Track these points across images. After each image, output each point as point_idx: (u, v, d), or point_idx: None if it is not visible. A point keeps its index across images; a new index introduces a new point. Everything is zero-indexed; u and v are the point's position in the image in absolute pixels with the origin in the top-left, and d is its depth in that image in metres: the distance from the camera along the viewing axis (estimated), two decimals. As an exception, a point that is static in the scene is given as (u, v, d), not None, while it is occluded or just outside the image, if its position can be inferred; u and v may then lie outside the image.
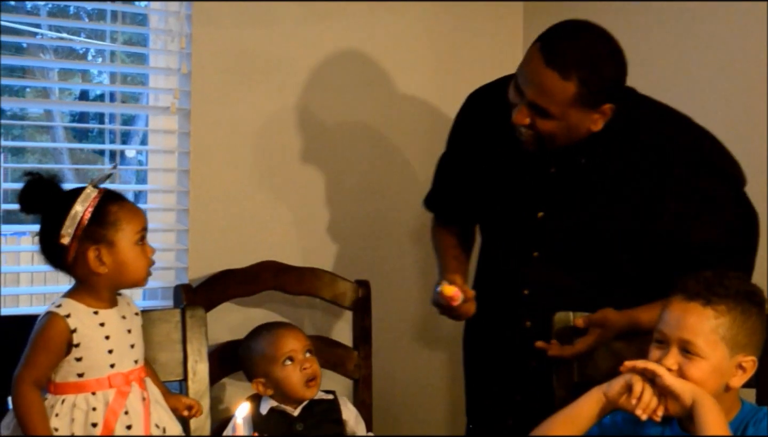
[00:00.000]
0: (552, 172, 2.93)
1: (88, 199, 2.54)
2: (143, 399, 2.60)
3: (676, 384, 2.18)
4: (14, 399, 2.50)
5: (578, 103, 2.68)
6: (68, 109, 3.78)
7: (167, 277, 3.56)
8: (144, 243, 2.59)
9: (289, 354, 2.99)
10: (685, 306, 2.25)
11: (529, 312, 2.93)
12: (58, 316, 2.52)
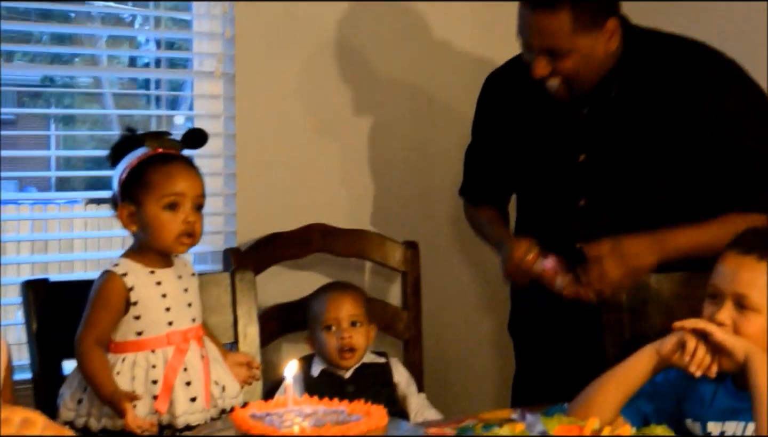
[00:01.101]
0: (585, 113, 2.95)
1: (130, 160, 2.59)
2: (202, 356, 2.62)
3: (728, 340, 2.15)
4: (79, 359, 2.52)
5: (580, 28, 2.75)
6: (116, 75, 3.75)
7: (216, 242, 3.58)
8: (177, 210, 2.57)
9: (331, 322, 2.98)
10: (740, 261, 2.23)
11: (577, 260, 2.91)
12: (115, 275, 2.55)
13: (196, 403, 2.56)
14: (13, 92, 3.46)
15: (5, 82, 3.36)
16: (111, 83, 3.83)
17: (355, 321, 3.04)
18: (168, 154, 2.61)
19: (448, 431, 2.43)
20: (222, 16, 3.57)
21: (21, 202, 4.19)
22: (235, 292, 2.99)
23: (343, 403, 1.93)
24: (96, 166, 3.57)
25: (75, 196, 3.80)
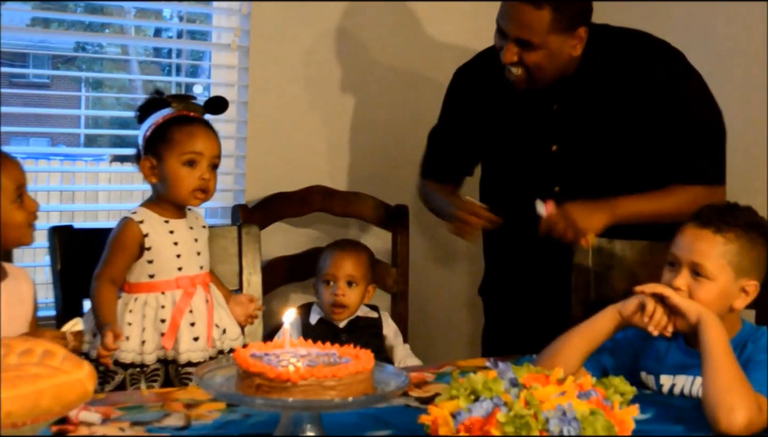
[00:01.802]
0: (555, 108, 2.96)
1: (156, 117, 2.60)
2: (206, 301, 2.65)
3: (683, 303, 2.18)
4: (91, 291, 2.57)
5: (555, 29, 2.76)
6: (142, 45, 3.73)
7: (226, 198, 3.59)
8: (194, 166, 2.58)
9: (329, 278, 2.99)
10: (698, 233, 2.25)
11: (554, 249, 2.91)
12: (132, 221, 2.58)
13: (199, 342, 2.59)
14: (48, 56, 3.44)
15: (41, 47, 3.35)
16: (137, 52, 3.82)
17: (352, 281, 3.04)
18: (191, 116, 2.63)
19: (427, 376, 2.45)
20: (237, -8, 3.57)
21: (52, 157, 4.19)
22: (241, 244, 3.02)
23: (334, 347, 1.94)
24: (121, 126, 3.57)
25: (101, 152, 3.79)
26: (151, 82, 3.72)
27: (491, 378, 1.89)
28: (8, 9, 3.46)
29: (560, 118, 2.96)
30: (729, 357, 2.10)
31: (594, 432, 1.77)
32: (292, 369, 1.77)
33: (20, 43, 3.64)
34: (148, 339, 2.56)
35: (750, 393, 2.05)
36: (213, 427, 2.01)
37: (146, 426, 1.99)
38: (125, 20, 3.64)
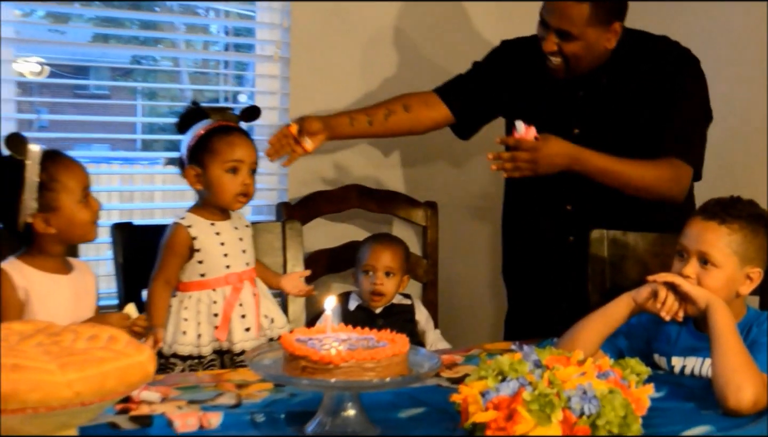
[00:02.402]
0: (580, 95, 2.97)
1: (197, 128, 2.61)
2: (254, 294, 2.66)
3: (693, 290, 2.18)
4: (147, 293, 2.60)
5: (593, 22, 2.77)
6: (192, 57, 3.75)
7: (271, 197, 3.59)
8: (237, 173, 2.59)
9: (369, 268, 2.99)
10: (704, 224, 2.25)
11: (573, 228, 2.90)
12: (181, 226, 2.59)
13: (250, 332, 2.61)
14: (107, 69, 3.46)
15: (100, 60, 3.37)
16: (187, 64, 3.82)
17: (389, 272, 3.04)
18: (229, 126, 2.63)
19: (457, 358, 2.44)
20: (281, 10, 3.56)
21: (112, 160, 4.21)
22: (285, 239, 3.03)
23: (372, 332, 1.94)
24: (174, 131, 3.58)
25: (156, 156, 3.81)
26: (200, 91, 3.72)
27: (517, 360, 1.89)
28: (71, 27, 3.48)
29: (584, 104, 2.96)
30: (736, 340, 2.10)
31: (613, 410, 1.77)
32: (334, 352, 1.78)
33: (83, 58, 3.67)
34: (203, 332, 2.58)
35: (756, 373, 2.05)
36: (261, 405, 2.03)
37: (201, 404, 2.01)
38: (176, 35, 3.64)
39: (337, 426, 1.83)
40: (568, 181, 2.91)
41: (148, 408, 1.96)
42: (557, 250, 2.99)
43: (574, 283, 2.89)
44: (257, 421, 1.93)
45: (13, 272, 2.25)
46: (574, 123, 2.96)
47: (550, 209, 3.00)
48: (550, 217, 2.98)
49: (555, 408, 1.76)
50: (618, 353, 2.31)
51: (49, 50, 3.38)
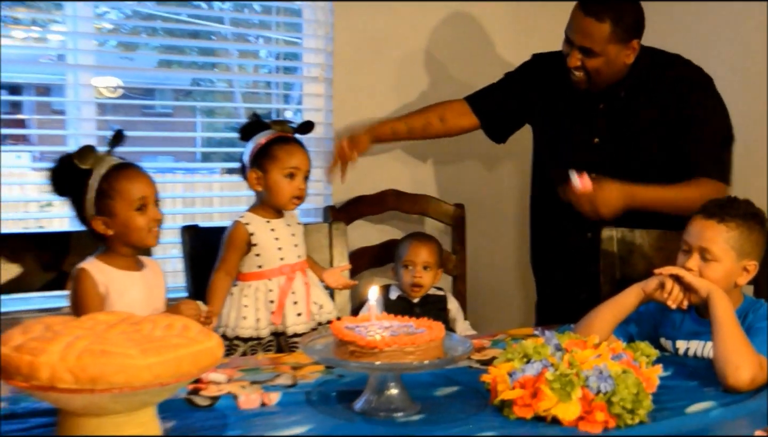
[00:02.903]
0: (601, 107, 2.93)
1: (260, 138, 2.63)
2: (305, 283, 2.68)
3: (695, 281, 2.18)
4: (209, 283, 2.61)
5: (613, 40, 2.74)
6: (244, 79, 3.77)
7: (318, 201, 3.59)
8: (293, 178, 2.61)
9: (409, 263, 2.99)
10: (705, 223, 2.25)
11: (591, 225, 2.90)
12: (240, 224, 2.62)
13: (301, 317, 2.63)
14: (171, 91, 3.49)
15: (165, 83, 3.40)
16: (240, 85, 3.84)
17: (427, 266, 3.04)
18: (288, 137, 2.64)
19: (485, 342, 2.45)
20: (324, 36, 3.58)
21: (176, 171, 4.24)
22: (331, 238, 3.04)
23: (411, 319, 1.95)
24: (229, 145, 3.60)
25: (214, 166, 3.83)
26: (252, 108, 3.75)
27: (540, 344, 1.90)
28: (140, 54, 3.51)
29: (604, 116, 2.93)
30: (735, 325, 2.09)
31: (626, 388, 1.77)
32: (379, 338, 1.80)
33: (149, 81, 3.69)
34: (261, 317, 2.60)
35: (753, 354, 2.04)
36: (314, 385, 2.04)
37: (262, 384, 2.02)
38: (230, 60, 3.66)
39: (382, 403, 1.84)
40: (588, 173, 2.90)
41: (216, 387, 1.97)
42: (577, 245, 2.97)
43: (591, 275, 2.88)
44: (311, 399, 1.94)
45: (93, 270, 2.28)
46: (595, 133, 2.94)
47: (571, 209, 2.98)
48: (571, 217, 2.98)
49: (574, 387, 1.77)
50: (629, 337, 2.30)
51: (121, 75, 3.41)
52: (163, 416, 1.70)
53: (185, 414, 1.81)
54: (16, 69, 3.32)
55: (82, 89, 3.16)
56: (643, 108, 2.88)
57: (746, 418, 1.86)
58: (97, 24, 3.24)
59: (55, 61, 3.29)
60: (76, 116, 3.16)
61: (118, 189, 2.26)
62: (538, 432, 1.74)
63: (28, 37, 3.24)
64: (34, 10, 3.22)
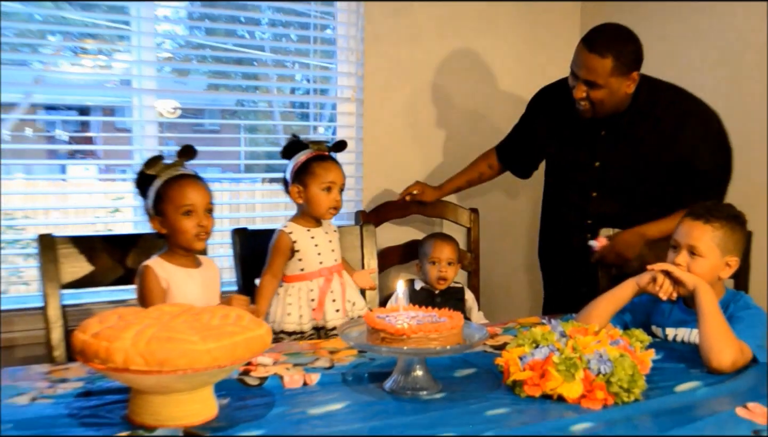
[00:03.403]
0: (603, 134, 2.90)
1: (305, 153, 2.64)
2: (341, 284, 2.69)
3: (683, 276, 2.18)
4: (259, 285, 2.63)
5: (615, 73, 2.70)
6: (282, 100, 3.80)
7: (350, 206, 3.61)
8: (330, 192, 2.63)
9: (435, 259, 3.00)
10: (692, 223, 2.25)
11: (592, 235, 2.91)
12: (284, 233, 2.63)
13: (338, 313, 2.65)
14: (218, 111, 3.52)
15: (213, 104, 3.44)
16: (278, 105, 3.87)
17: (450, 261, 3.04)
18: (325, 155, 2.66)
19: (497, 330, 2.46)
20: (356, 62, 3.60)
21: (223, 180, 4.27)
22: (362, 238, 3.04)
23: (434, 310, 1.96)
24: (269, 158, 3.64)
25: (256, 176, 3.85)
26: (289, 126, 3.78)
27: (547, 331, 1.91)
28: (191, 79, 3.56)
29: (605, 141, 2.90)
30: (718, 314, 2.09)
31: (623, 369, 1.78)
32: (406, 326, 1.81)
33: (199, 102, 3.72)
34: (304, 313, 2.61)
35: (734, 340, 2.05)
36: (349, 367, 2.05)
37: (303, 366, 2.03)
38: (270, 83, 3.69)
39: (408, 383, 1.85)
40: (591, 202, 2.95)
41: (264, 369, 1.99)
42: (579, 246, 2.96)
43: (591, 272, 2.88)
44: (347, 379, 1.96)
45: (156, 267, 2.31)
46: (597, 157, 2.92)
47: (575, 223, 2.99)
48: (574, 222, 2.98)
49: (578, 369, 1.78)
50: (624, 325, 2.31)
51: (177, 97, 3.44)
52: (219, 394, 1.73)
53: (238, 392, 1.83)
54: (85, 93, 3.37)
55: (145, 110, 3.21)
56: (643, 135, 2.83)
57: (728, 396, 1.86)
58: (157, 53, 3.28)
59: (118, 86, 3.33)
60: (140, 133, 3.21)
61: (170, 195, 2.30)
62: (545, 408, 1.75)
63: (95, 64, 3.29)
64: (100, 41, 3.26)
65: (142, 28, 3.17)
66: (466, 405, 1.76)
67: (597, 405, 1.75)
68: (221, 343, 1.58)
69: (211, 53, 3.45)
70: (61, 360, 2.41)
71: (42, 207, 3.21)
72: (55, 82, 3.19)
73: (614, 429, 1.63)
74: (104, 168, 3.65)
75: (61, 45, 3.19)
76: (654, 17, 3.59)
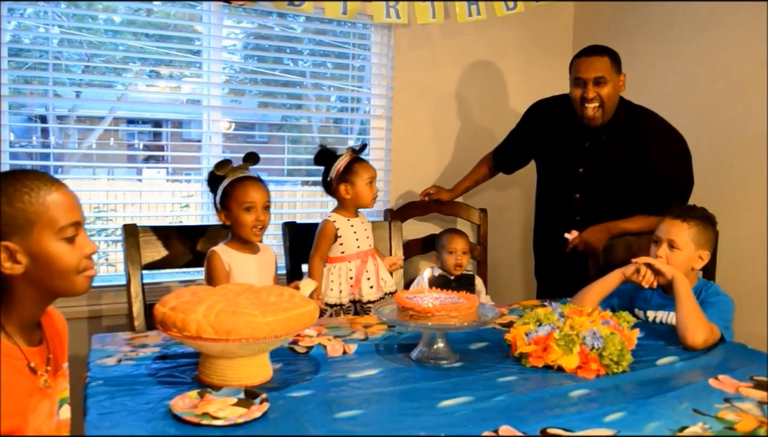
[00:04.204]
0: (586, 145, 2.88)
1: (343, 158, 2.63)
2: (375, 265, 2.68)
3: (663, 267, 2.17)
4: (308, 266, 2.61)
5: (613, 69, 2.74)
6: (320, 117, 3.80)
7: (380, 205, 3.60)
8: (371, 185, 2.64)
9: (452, 250, 2.99)
10: (672, 221, 2.24)
11: (576, 227, 2.89)
12: (329, 222, 2.62)
13: (373, 289, 2.63)
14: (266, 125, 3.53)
15: (263, 120, 3.44)
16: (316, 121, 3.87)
17: (465, 251, 3.03)
18: (359, 157, 2.66)
19: (503, 310, 2.45)
20: (386, 85, 3.59)
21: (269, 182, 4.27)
22: (390, 232, 3.04)
23: (453, 293, 1.96)
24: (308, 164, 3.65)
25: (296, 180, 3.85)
26: (325, 138, 3.79)
27: (548, 312, 1.90)
28: (246, 99, 3.56)
29: (588, 152, 2.88)
30: (692, 300, 2.08)
31: (613, 345, 1.77)
32: (431, 305, 1.81)
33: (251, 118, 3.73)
34: (343, 289, 2.61)
35: (705, 322, 2.04)
36: (381, 339, 2.05)
37: (342, 338, 2.04)
38: (309, 102, 3.70)
39: (431, 353, 1.85)
40: (574, 204, 2.93)
41: (310, 339, 2.00)
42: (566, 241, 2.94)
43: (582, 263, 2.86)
44: (379, 349, 1.96)
45: (221, 252, 2.32)
46: (580, 164, 2.90)
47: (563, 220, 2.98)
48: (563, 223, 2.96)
49: (575, 344, 1.78)
50: (611, 308, 2.27)
51: (233, 114, 3.46)
52: (273, 359, 1.74)
53: (288, 358, 1.84)
54: (158, 109, 3.39)
55: (212, 123, 3.24)
56: (619, 148, 2.82)
57: (701, 369, 1.85)
58: (224, 76, 3.31)
59: (185, 103, 3.35)
60: (208, 143, 3.24)
61: (234, 193, 2.31)
62: (547, 376, 1.74)
63: (167, 86, 3.31)
64: (171, 67, 3.28)
65: (212, 56, 3.22)
66: (480, 373, 1.76)
67: (591, 375, 1.75)
68: (278, 317, 1.58)
69: (262, 77, 3.45)
70: (141, 328, 2.42)
71: (121, 202, 3.23)
72: (134, 101, 3.21)
73: (606, 395, 1.63)
74: (172, 171, 3.66)
75: (139, 70, 3.20)
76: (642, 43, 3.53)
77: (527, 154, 3.19)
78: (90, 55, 3.02)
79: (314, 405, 1.52)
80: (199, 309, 1.57)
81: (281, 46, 3.43)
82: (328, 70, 3.67)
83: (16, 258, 1.28)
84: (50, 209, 1.31)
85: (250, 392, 1.53)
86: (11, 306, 1.32)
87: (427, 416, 1.47)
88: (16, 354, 1.32)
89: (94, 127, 3.54)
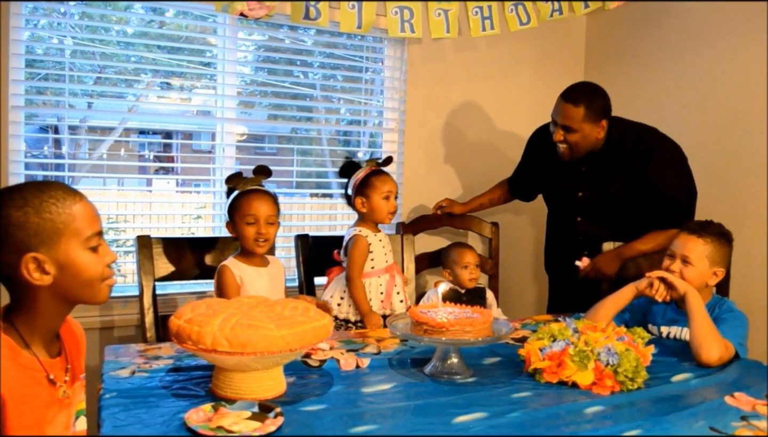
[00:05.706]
0: (583, 169, 2.90)
1: (362, 170, 2.64)
2: (402, 279, 2.71)
3: (676, 282, 2.16)
4: (349, 286, 2.60)
5: (587, 120, 2.72)
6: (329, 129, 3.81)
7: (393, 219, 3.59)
8: (388, 200, 2.63)
9: (466, 264, 2.99)
10: (687, 237, 2.24)
11: (582, 248, 2.91)
12: (361, 236, 2.62)
13: (402, 303, 2.65)
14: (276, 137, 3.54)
15: (272, 132, 3.45)
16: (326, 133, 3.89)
17: (477, 264, 3.04)
18: (380, 170, 2.67)
19: (516, 325, 2.44)
20: (399, 99, 3.61)
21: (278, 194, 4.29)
22: (403, 245, 3.06)
23: (467, 307, 1.96)
24: (317, 177, 3.65)
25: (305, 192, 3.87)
26: (335, 151, 3.80)
27: (562, 327, 1.90)
28: (256, 111, 3.59)
29: (586, 176, 2.89)
30: (705, 316, 2.08)
31: (628, 361, 1.77)
32: (445, 320, 1.81)
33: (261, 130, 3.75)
34: (375, 302, 2.61)
35: (719, 338, 2.03)
36: (394, 353, 2.05)
37: (355, 351, 2.04)
38: (319, 115, 3.71)
39: (445, 368, 1.85)
40: (576, 226, 2.95)
41: (323, 353, 2.00)
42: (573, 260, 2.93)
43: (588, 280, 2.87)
44: (392, 363, 1.96)
45: (231, 266, 2.33)
46: (580, 188, 2.92)
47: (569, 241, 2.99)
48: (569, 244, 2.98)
49: (589, 360, 1.78)
50: (624, 323, 2.30)
51: (243, 126, 3.48)
52: (287, 373, 1.74)
53: (302, 371, 1.84)
54: (169, 120, 3.41)
55: (225, 135, 3.26)
56: (616, 169, 2.81)
57: (716, 387, 1.85)
58: (238, 89, 3.33)
59: (195, 115, 3.37)
60: (221, 154, 3.26)
61: (238, 205, 2.32)
62: (561, 392, 1.74)
63: (178, 97, 3.33)
64: (182, 78, 3.31)
65: (226, 69, 3.24)
66: (494, 388, 1.76)
67: (606, 392, 1.74)
68: (293, 330, 1.59)
69: (272, 89, 3.48)
70: (153, 340, 2.43)
71: (131, 212, 3.25)
72: (145, 112, 3.23)
73: (621, 412, 1.62)
74: (182, 182, 3.69)
75: (151, 81, 3.23)
76: (655, 58, 3.55)
77: (537, 183, 3.20)
78: (102, 66, 3.05)
79: (329, 419, 1.52)
80: (214, 322, 1.58)
81: (292, 59, 3.45)
82: (338, 83, 3.69)
83: (44, 269, 1.29)
84: (76, 219, 1.32)
85: (265, 406, 1.53)
86: (34, 318, 1.33)
87: (442, 432, 1.47)
88: (35, 366, 1.33)
89: (105, 138, 3.57)
